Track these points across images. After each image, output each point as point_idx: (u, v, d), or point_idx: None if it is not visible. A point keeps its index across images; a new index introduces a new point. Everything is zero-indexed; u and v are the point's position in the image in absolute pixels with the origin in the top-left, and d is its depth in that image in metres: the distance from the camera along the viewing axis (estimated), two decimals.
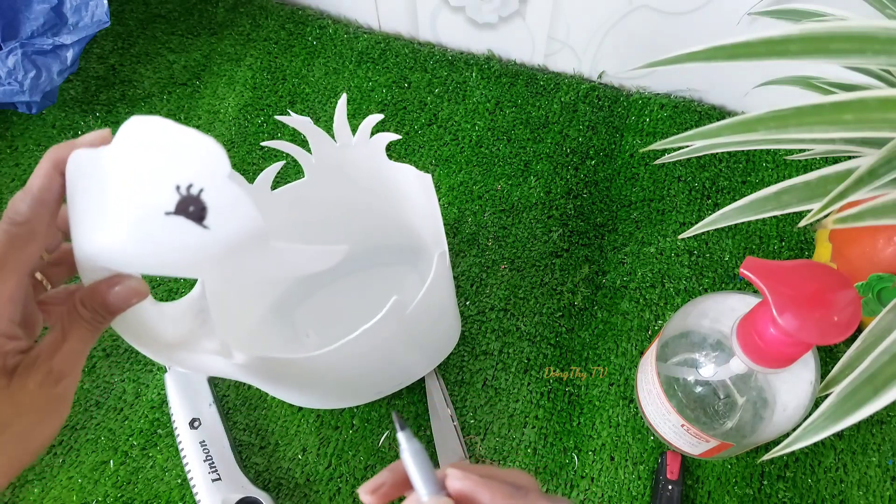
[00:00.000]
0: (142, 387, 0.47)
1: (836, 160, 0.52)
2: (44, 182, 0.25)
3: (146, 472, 0.44)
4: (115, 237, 0.24)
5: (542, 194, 0.53)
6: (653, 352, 0.40)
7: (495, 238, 0.52)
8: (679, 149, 0.37)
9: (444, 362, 0.46)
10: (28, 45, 0.50)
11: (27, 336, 0.26)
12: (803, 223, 0.28)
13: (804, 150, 0.47)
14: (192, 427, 0.43)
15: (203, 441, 0.42)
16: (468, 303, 0.49)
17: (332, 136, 0.39)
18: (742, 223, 0.44)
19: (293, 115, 0.37)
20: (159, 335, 0.30)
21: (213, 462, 0.42)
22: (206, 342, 0.31)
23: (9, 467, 0.25)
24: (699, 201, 0.52)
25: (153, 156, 0.23)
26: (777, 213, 0.32)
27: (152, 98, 0.60)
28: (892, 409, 0.44)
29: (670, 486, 0.41)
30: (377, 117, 0.37)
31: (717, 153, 0.54)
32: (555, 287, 0.49)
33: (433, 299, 0.35)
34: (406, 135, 0.57)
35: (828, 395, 0.28)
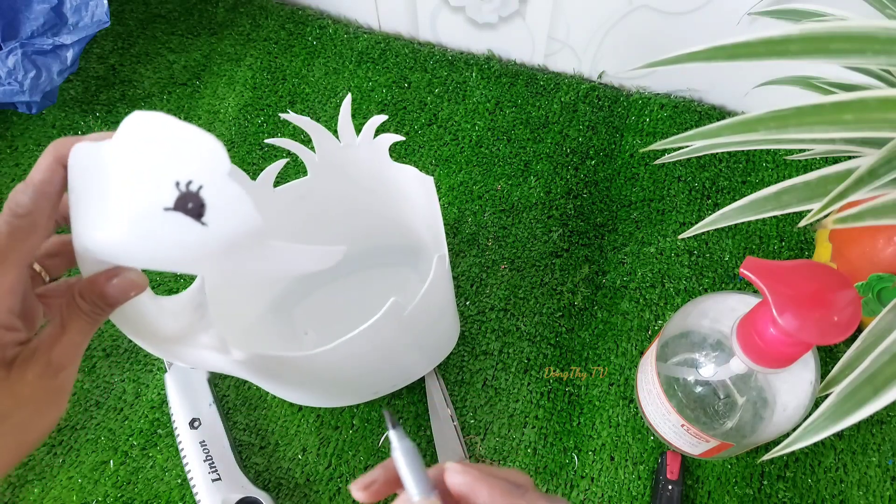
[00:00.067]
0: (142, 387, 0.47)
1: (836, 160, 0.52)
2: (46, 175, 0.25)
3: (146, 472, 0.44)
4: (114, 232, 0.24)
5: (542, 194, 0.53)
6: (653, 352, 0.40)
7: (495, 238, 0.52)
8: (679, 149, 0.37)
9: (444, 362, 0.46)
10: (28, 45, 0.50)
11: (27, 328, 0.26)
12: (803, 223, 0.28)
13: (804, 150, 0.47)
14: (192, 427, 0.43)
15: (203, 441, 0.42)
16: (468, 303, 0.49)
17: (334, 135, 0.39)
18: (742, 223, 0.44)
19: (294, 114, 0.37)
20: (158, 329, 0.30)
21: (213, 462, 0.42)
22: (204, 337, 0.31)
23: (6, 458, 0.25)
24: (699, 201, 0.52)
25: (153, 151, 0.22)
26: (777, 213, 0.32)
27: (152, 98, 0.60)
28: (892, 409, 0.44)
29: (670, 486, 0.41)
30: (381, 118, 0.37)
31: (717, 153, 0.54)
32: (555, 287, 0.49)
33: (432, 301, 0.35)
34: (406, 135, 0.57)
35: (828, 395, 0.28)
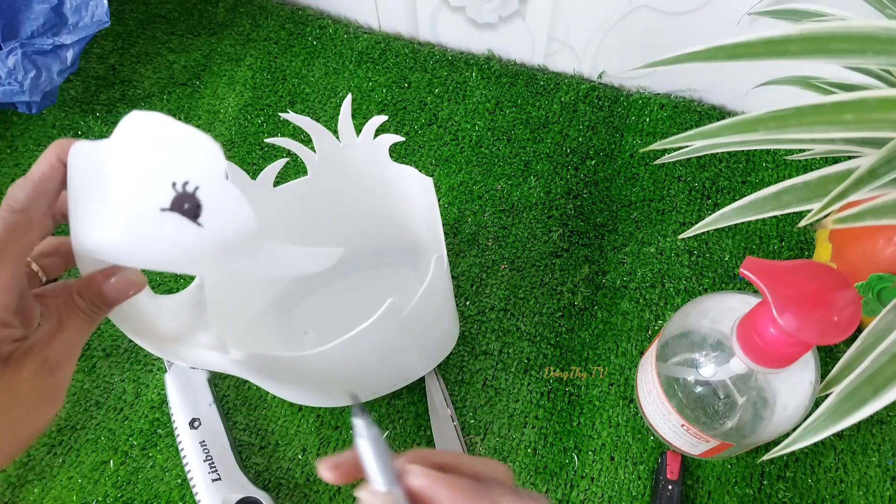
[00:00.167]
0: (142, 387, 0.47)
1: (836, 160, 0.52)
2: (46, 171, 0.25)
3: (146, 472, 0.44)
4: (112, 232, 0.24)
5: (542, 194, 0.53)
6: (653, 352, 0.40)
7: (495, 238, 0.52)
8: (679, 149, 0.37)
9: (444, 362, 0.46)
10: (28, 45, 0.50)
11: (23, 326, 0.26)
12: (803, 223, 0.28)
13: (804, 150, 0.47)
14: (192, 427, 0.43)
15: (203, 441, 0.42)
16: (468, 303, 0.49)
17: (334, 135, 0.39)
18: (742, 223, 0.44)
19: (295, 114, 0.37)
20: (156, 328, 0.30)
21: (213, 462, 0.42)
22: (203, 336, 0.31)
23: (0, 456, 0.25)
24: (699, 201, 0.52)
25: (150, 152, 0.23)
26: (777, 213, 0.32)
27: (152, 98, 0.60)
28: (892, 409, 0.44)
29: (670, 486, 0.41)
30: (381, 119, 0.37)
31: (717, 153, 0.54)
32: (555, 287, 0.49)
33: (430, 302, 0.35)
34: (406, 135, 0.57)
35: (828, 395, 0.28)
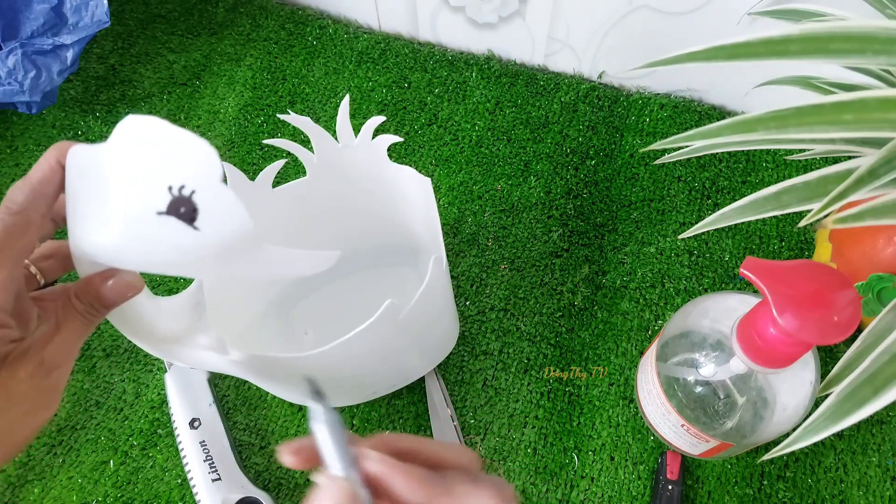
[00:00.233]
0: (142, 387, 0.47)
1: (836, 160, 0.52)
2: (45, 174, 0.25)
3: (146, 472, 0.44)
4: (109, 234, 0.24)
5: (542, 194, 0.53)
6: (653, 352, 0.40)
7: (495, 238, 0.52)
8: (679, 149, 0.37)
9: (444, 362, 0.46)
10: (28, 45, 0.50)
11: (20, 328, 0.26)
12: (803, 223, 0.28)
13: (804, 150, 0.47)
14: (192, 427, 0.43)
15: (203, 441, 0.42)
16: (468, 303, 0.49)
17: (333, 135, 0.39)
18: (742, 223, 0.44)
19: (294, 114, 0.37)
20: (155, 329, 0.30)
21: (213, 462, 0.42)
22: (202, 337, 0.31)
23: None
24: (699, 201, 0.52)
25: (147, 155, 0.23)
26: (777, 213, 0.32)
27: (152, 98, 0.60)
28: (892, 409, 0.44)
29: (670, 486, 0.41)
30: (379, 119, 0.37)
31: (717, 153, 0.54)
32: (555, 287, 0.49)
33: (429, 303, 0.35)
34: (406, 135, 0.57)
35: (828, 395, 0.28)
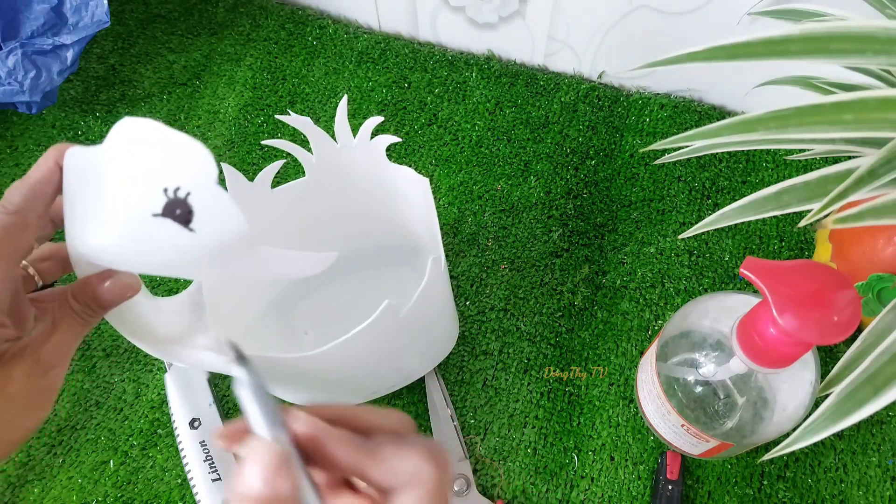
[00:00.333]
0: (142, 387, 0.47)
1: (836, 160, 0.52)
2: (44, 175, 0.25)
3: (146, 472, 0.44)
4: (106, 236, 0.24)
5: (542, 194, 0.53)
6: (653, 352, 0.40)
7: (495, 238, 0.52)
8: (679, 149, 0.37)
9: (444, 362, 0.46)
10: (28, 45, 0.50)
11: (16, 327, 0.26)
12: (803, 223, 0.28)
13: (804, 150, 0.47)
14: (192, 427, 0.43)
15: (203, 441, 0.42)
16: (468, 303, 0.49)
17: (332, 136, 0.39)
18: (742, 223, 0.44)
19: (293, 115, 0.37)
20: (155, 330, 0.30)
21: (212, 462, 0.42)
22: (201, 338, 0.31)
23: None
24: (699, 201, 0.52)
25: (143, 157, 0.23)
26: (777, 213, 0.32)
27: (152, 98, 0.60)
28: (892, 409, 0.44)
29: (670, 486, 0.41)
30: (377, 119, 0.37)
31: (717, 153, 0.54)
32: (555, 287, 0.49)
33: (428, 303, 0.35)
34: (406, 135, 0.57)
35: (828, 395, 0.28)
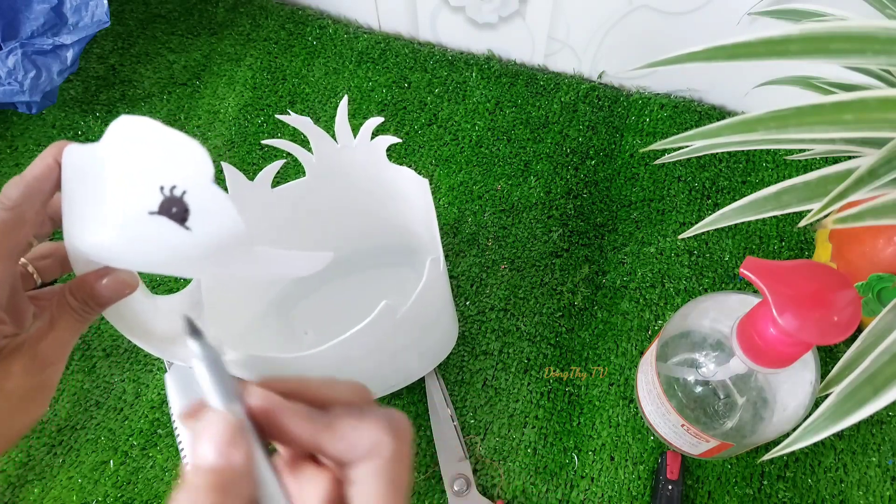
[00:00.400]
0: (142, 387, 0.47)
1: (836, 160, 0.52)
2: (42, 171, 0.25)
3: (146, 472, 0.44)
4: (103, 233, 0.24)
5: (542, 194, 0.53)
6: (653, 352, 0.40)
7: (495, 238, 0.52)
8: (679, 149, 0.37)
9: (444, 362, 0.46)
10: (28, 45, 0.50)
11: (14, 324, 0.26)
12: (803, 223, 0.28)
13: (804, 150, 0.47)
14: None
15: None
16: (468, 303, 0.49)
17: (332, 136, 0.39)
18: (742, 223, 0.44)
19: (293, 115, 0.37)
20: (153, 328, 0.30)
21: None
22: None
23: None
24: (699, 201, 0.52)
25: (139, 156, 0.23)
26: (777, 213, 0.32)
27: (152, 98, 0.60)
28: (892, 409, 0.44)
29: (670, 486, 0.41)
30: (378, 120, 0.37)
31: (717, 153, 0.54)
32: (555, 287, 0.49)
33: (426, 303, 0.35)
34: (406, 135, 0.57)
35: (828, 395, 0.28)
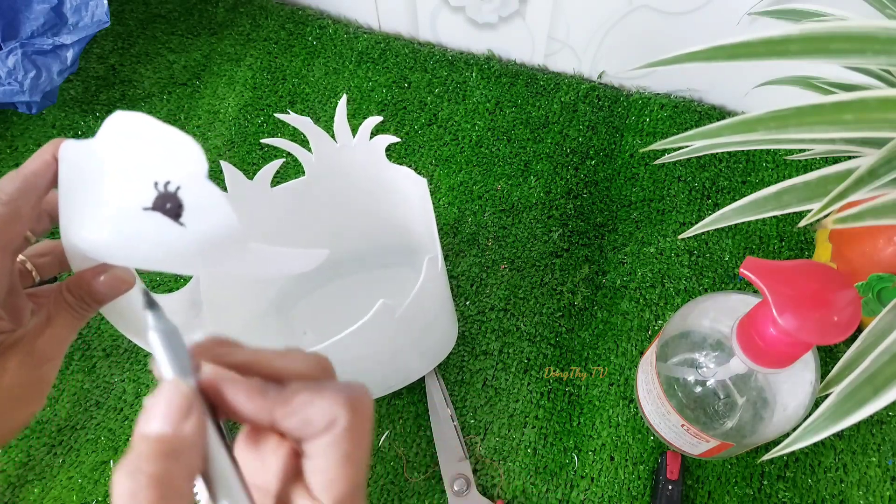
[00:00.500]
0: (142, 387, 0.47)
1: (836, 160, 0.52)
2: (38, 167, 0.25)
3: None
4: (99, 230, 0.24)
5: (542, 194, 0.53)
6: (653, 352, 0.40)
7: (495, 238, 0.52)
8: (679, 149, 0.37)
9: (444, 362, 0.46)
10: (28, 45, 0.50)
11: (11, 320, 0.26)
12: (803, 223, 0.28)
13: (804, 150, 0.47)
14: None
15: None
16: (468, 303, 0.49)
17: (332, 136, 0.39)
18: (742, 223, 0.44)
19: (293, 114, 0.37)
20: None
21: None
22: (197, 335, 0.31)
23: None
24: (699, 201, 0.52)
25: (134, 151, 0.23)
26: (777, 213, 0.32)
27: (152, 98, 0.60)
28: (892, 409, 0.44)
29: (670, 486, 0.41)
30: (377, 119, 0.37)
31: (717, 153, 0.54)
32: (555, 287, 0.49)
33: (425, 303, 0.35)
34: (406, 135, 0.57)
35: (828, 395, 0.28)
